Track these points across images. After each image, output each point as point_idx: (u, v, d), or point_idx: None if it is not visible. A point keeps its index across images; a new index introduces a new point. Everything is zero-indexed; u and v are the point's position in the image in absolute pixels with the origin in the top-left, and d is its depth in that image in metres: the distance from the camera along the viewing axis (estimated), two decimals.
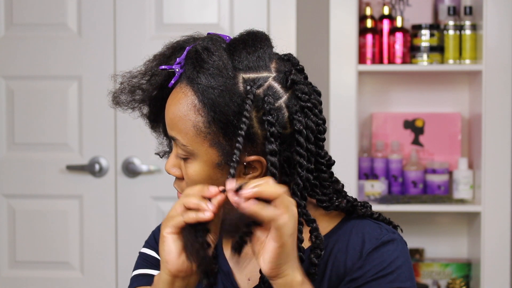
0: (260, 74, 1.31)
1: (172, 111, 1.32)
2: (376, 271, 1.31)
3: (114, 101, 1.41)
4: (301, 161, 1.30)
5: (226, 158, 1.29)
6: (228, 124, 1.28)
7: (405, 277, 1.32)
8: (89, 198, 3.21)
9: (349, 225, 1.37)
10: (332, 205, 1.37)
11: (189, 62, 1.32)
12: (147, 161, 3.18)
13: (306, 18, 3.13)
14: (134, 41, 3.15)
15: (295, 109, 1.31)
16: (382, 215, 1.42)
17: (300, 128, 1.30)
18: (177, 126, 1.32)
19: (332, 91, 3.08)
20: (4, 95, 3.23)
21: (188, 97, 1.30)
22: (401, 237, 1.38)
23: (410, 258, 1.37)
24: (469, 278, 3.22)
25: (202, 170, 1.31)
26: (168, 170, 1.36)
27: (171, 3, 3.17)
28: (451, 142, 3.24)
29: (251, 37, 1.34)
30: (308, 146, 1.31)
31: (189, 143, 1.31)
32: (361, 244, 1.34)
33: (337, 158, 3.24)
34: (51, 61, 3.20)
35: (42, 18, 3.20)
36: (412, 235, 3.29)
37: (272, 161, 1.27)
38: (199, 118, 1.29)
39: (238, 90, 1.29)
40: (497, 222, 3.07)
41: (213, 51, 1.30)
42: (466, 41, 3.10)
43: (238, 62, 1.30)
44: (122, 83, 1.40)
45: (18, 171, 3.23)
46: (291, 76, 1.32)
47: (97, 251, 3.21)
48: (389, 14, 3.18)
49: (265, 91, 1.30)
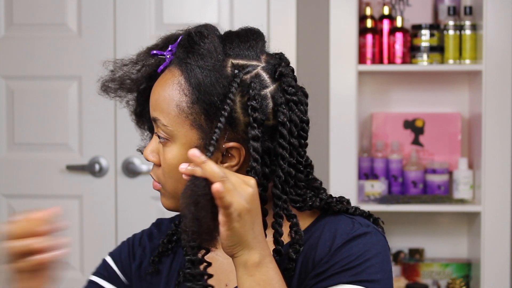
0: (249, 62, 1.32)
1: (157, 91, 1.33)
2: (342, 264, 1.29)
3: (103, 87, 1.42)
4: (284, 154, 1.30)
5: (205, 141, 1.28)
6: (211, 106, 1.28)
7: (374, 270, 1.29)
8: (89, 198, 3.21)
9: (323, 222, 1.36)
10: (305, 205, 1.36)
11: (180, 46, 1.33)
12: (147, 161, 3.18)
13: (306, 18, 3.13)
14: (134, 41, 3.15)
15: (280, 101, 1.31)
16: (360, 209, 1.40)
17: (284, 120, 1.30)
18: (160, 106, 1.32)
19: (332, 91, 3.08)
20: (4, 95, 3.23)
21: (175, 77, 1.31)
22: (376, 230, 1.35)
23: (388, 251, 1.34)
24: (469, 278, 3.22)
25: (180, 154, 1.31)
26: (146, 155, 1.36)
27: (171, 3, 3.17)
28: (451, 142, 3.24)
29: (246, 30, 1.36)
30: (291, 139, 1.31)
31: (170, 123, 1.30)
32: (331, 239, 1.32)
33: (337, 158, 3.26)
34: (51, 61, 3.20)
35: (42, 18, 3.20)
36: (412, 235, 3.29)
37: (255, 146, 1.27)
38: (183, 97, 1.30)
39: (226, 73, 1.29)
40: (497, 222, 3.07)
41: (206, 35, 1.31)
42: (466, 41, 3.10)
43: (229, 48, 1.32)
44: (113, 70, 1.40)
45: (18, 171, 3.23)
46: (280, 68, 1.33)
47: (97, 251, 3.21)
48: (389, 14, 3.18)
49: (252, 78, 1.31)
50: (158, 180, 1.36)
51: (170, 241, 1.46)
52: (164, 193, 1.36)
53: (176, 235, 1.46)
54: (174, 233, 1.46)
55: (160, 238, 1.49)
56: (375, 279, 1.29)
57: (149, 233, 1.51)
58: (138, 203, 3.19)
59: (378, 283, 1.29)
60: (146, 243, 1.50)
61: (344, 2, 3.08)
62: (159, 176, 1.35)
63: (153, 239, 1.50)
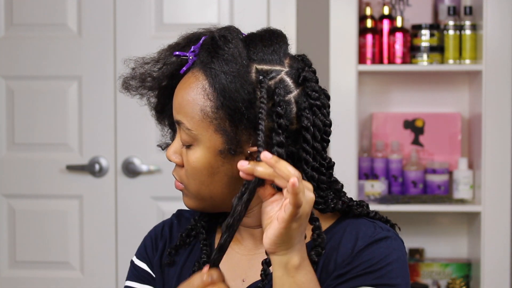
0: (273, 67, 1.32)
1: (181, 94, 1.33)
2: (365, 267, 1.31)
3: (124, 85, 1.42)
4: (307, 158, 1.31)
5: (229, 145, 1.30)
6: (236, 111, 1.29)
7: (395, 274, 1.31)
8: (89, 198, 3.21)
9: (344, 224, 1.37)
10: (328, 207, 1.36)
11: (204, 49, 1.33)
12: (147, 161, 3.18)
13: (306, 18, 3.13)
14: (134, 41, 3.15)
15: (304, 106, 1.32)
16: (379, 213, 1.42)
17: (308, 125, 1.31)
18: (184, 109, 1.32)
19: (332, 91, 3.08)
20: (4, 95, 3.23)
21: (199, 81, 1.32)
22: (396, 235, 1.37)
23: (406, 256, 1.36)
24: (469, 278, 3.22)
25: (203, 157, 1.31)
26: (168, 156, 1.36)
27: (171, 3, 3.17)
28: (451, 142, 3.24)
29: (268, 32, 1.35)
30: (314, 144, 1.32)
31: (194, 128, 1.31)
32: (353, 241, 1.34)
33: (337, 158, 3.24)
34: (51, 61, 3.20)
35: (42, 18, 3.20)
36: (412, 235, 3.29)
37: (279, 152, 1.27)
38: (208, 102, 1.30)
39: (250, 79, 1.30)
40: (497, 222, 3.07)
41: (230, 39, 1.31)
42: (466, 41, 3.10)
43: (253, 53, 1.32)
44: (134, 68, 1.41)
45: (18, 171, 3.23)
46: (304, 73, 1.33)
47: (97, 251, 3.22)
48: (389, 14, 3.18)
49: (276, 84, 1.31)
50: (180, 180, 1.37)
51: (188, 235, 1.46)
52: (187, 193, 1.37)
53: (195, 230, 1.46)
54: (193, 228, 1.47)
55: (179, 230, 1.49)
56: (396, 283, 1.31)
57: (170, 224, 1.51)
58: (138, 203, 3.19)
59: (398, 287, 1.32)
60: (167, 234, 1.50)
61: (344, 2, 3.08)
62: (181, 176, 1.36)
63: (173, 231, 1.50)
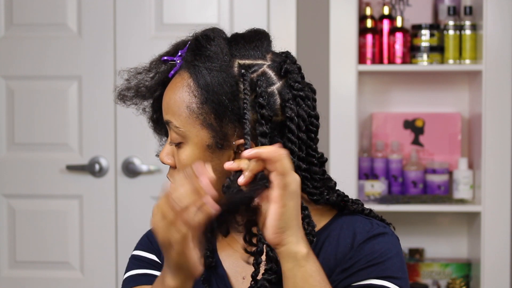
0: (255, 61, 1.36)
1: (169, 95, 1.37)
2: (368, 260, 1.33)
3: (119, 96, 1.45)
4: (292, 148, 1.33)
5: (216, 139, 1.33)
6: (220, 104, 1.32)
7: (396, 268, 1.34)
8: (89, 198, 3.21)
9: (340, 221, 1.39)
10: (322, 198, 1.38)
11: (189, 50, 1.37)
12: (147, 161, 3.18)
13: (306, 18, 3.13)
14: (134, 41, 3.15)
15: (287, 97, 1.35)
16: (374, 212, 1.43)
17: (292, 115, 1.33)
18: (172, 109, 1.35)
19: (332, 91, 3.08)
20: (4, 95, 3.23)
21: (184, 80, 1.35)
22: (392, 232, 1.39)
23: (402, 253, 1.38)
24: (469, 278, 3.22)
25: (193, 154, 1.34)
26: (161, 159, 1.39)
27: (171, 3, 3.17)
28: (451, 142, 3.24)
29: (251, 31, 1.40)
30: (299, 134, 1.34)
31: (181, 125, 1.34)
32: (352, 237, 1.36)
33: (337, 158, 3.25)
34: (51, 61, 3.20)
35: (42, 18, 3.20)
36: (412, 235, 3.29)
37: (263, 142, 1.30)
38: (193, 99, 1.33)
39: (233, 73, 1.33)
40: (497, 222, 3.07)
41: (212, 38, 1.35)
42: (466, 41, 3.10)
43: (235, 50, 1.36)
44: (128, 79, 1.44)
45: (18, 171, 3.23)
46: (286, 65, 1.36)
47: (97, 251, 3.21)
48: (389, 14, 3.18)
49: (258, 76, 1.34)
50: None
51: None
52: None
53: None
54: None
55: None
56: (399, 276, 1.34)
57: None
58: (138, 203, 3.19)
59: (401, 281, 1.34)
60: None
61: (344, 2, 3.08)
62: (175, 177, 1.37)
63: None
